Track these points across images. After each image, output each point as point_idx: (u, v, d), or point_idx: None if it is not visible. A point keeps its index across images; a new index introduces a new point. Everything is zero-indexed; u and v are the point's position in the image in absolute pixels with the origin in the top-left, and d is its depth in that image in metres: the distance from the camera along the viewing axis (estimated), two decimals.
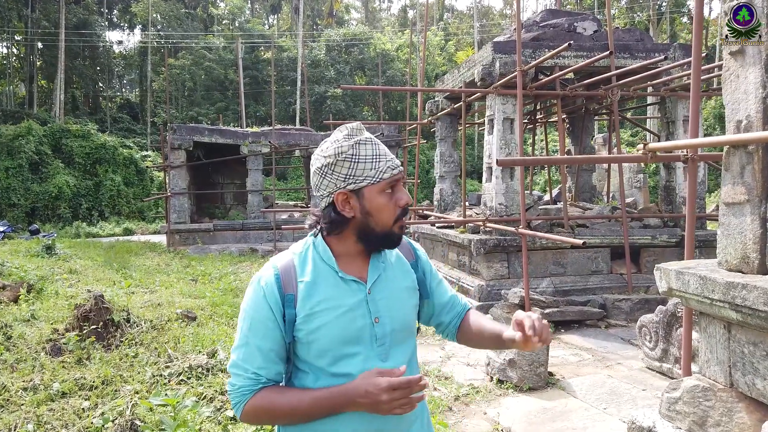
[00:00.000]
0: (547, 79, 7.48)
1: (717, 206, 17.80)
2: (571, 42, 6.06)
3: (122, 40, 49.27)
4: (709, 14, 38.55)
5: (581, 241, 5.16)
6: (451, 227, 8.96)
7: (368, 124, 17.04)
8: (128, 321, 5.87)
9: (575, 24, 8.34)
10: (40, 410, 3.92)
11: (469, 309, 1.78)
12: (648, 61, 7.14)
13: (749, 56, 2.52)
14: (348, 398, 1.33)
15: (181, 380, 4.44)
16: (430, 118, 10.65)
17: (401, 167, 1.46)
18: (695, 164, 3.31)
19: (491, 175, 7.80)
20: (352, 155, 1.42)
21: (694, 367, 3.64)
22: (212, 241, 15.63)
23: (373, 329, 1.44)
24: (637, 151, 3.36)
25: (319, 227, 1.52)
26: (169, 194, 15.54)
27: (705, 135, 15.89)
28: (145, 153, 30.24)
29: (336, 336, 1.40)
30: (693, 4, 40.34)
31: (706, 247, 7.69)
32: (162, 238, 17.37)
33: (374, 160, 1.42)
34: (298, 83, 37.18)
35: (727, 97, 2.65)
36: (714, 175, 21.22)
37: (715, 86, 12.19)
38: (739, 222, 2.59)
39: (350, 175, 1.42)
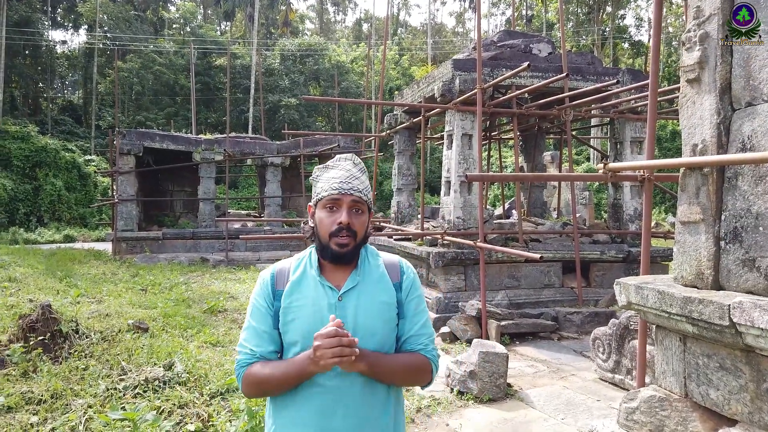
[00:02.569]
0: (504, 97, 7.71)
1: (657, 223, 18.50)
2: (530, 63, 6.27)
3: (66, 40, 47.44)
4: (648, 41, 40.56)
5: (538, 256, 5.33)
6: (409, 239, 9.04)
7: (325, 134, 17.03)
8: (77, 332, 5.63)
9: (531, 45, 8.64)
10: None
11: (418, 352, 1.74)
12: (602, 84, 7.46)
13: (705, 84, 2.68)
14: (305, 356, 1.56)
15: (137, 393, 4.29)
16: (388, 131, 10.76)
17: (343, 191, 1.68)
18: (651, 184, 3.49)
19: (449, 189, 7.94)
20: (317, 177, 1.77)
21: (646, 379, 3.81)
22: (161, 249, 15.18)
23: None
24: (598, 170, 3.52)
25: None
26: (116, 201, 15.03)
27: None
28: (88, 157, 29.13)
29: (303, 330, 1.63)
30: (634, 32, 42.34)
31: (650, 262, 8.05)
32: (106, 246, 16.74)
33: (324, 182, 1.72)
34: (252, 91, 36.78)
35: (684, 121, 2.81)
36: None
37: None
38: (694, 240, 2.73)
39: (315, 193, 1.75)
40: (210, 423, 3.84)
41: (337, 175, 1.71)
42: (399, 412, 1.79)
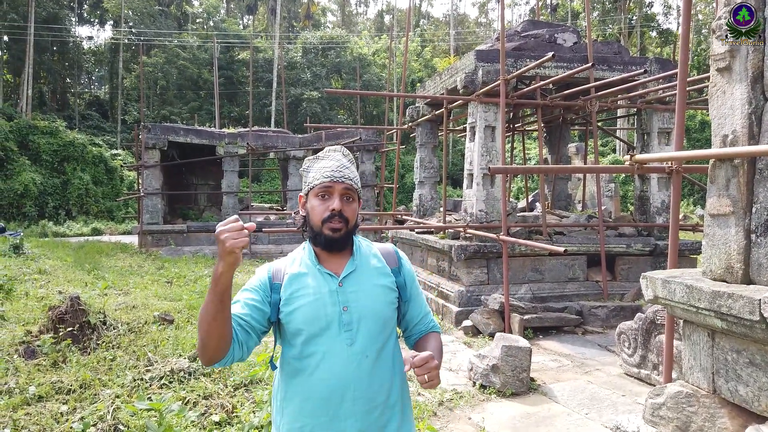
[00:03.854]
0: (528, 88, 7.61)
1: (685, 216, 18.12)
2: (555, 53, 6.17)
3: (92, 35, 48.11)
4: (677, 29, 39.66)
5: (563, 249, 5.26)
6: (431, 233, 9.01)
7: (347, 128, 17.03)
8: (104, 323, 5.74)
9: (556, 35, 8.50)
10: (16, 415, 3.81)
11: (433, 331, 1.97)
12: (628, 74, 7.31)
13: (736, 73, 2.60)
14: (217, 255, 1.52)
15: (163, 384, 4.36)
16: (410, 124, 10.71)
17: (335, 179, 1.72)
18: (679, 176, 3.41)
19: (472, 181, 7.88)
20: (308, 167, 1.82)
21: (673, 374, 3.74)
22: (185, 242, 15.39)
23: (341, 316, 1.68)
24: (625, 162, 3.45)
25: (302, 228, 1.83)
26: (142, 194, 15.26)
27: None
28: (115, 152, 29.64)
29: (308, 317, 1.67)
30: (662, 20, 41.42)
31: (678, 256, 7.90)
32: (132, 239, 17.04)
33: (316, 171, 1.77)
34: (274, 84, 36.97)
35: (714, 111, 2.74)
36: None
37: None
38: (724, 233, 2.66)
39: (305, 183, 1.80)
40: (234, 414, 3.89)
41: (328, 164, 1.76)
42: (405, 393, 1.84)
